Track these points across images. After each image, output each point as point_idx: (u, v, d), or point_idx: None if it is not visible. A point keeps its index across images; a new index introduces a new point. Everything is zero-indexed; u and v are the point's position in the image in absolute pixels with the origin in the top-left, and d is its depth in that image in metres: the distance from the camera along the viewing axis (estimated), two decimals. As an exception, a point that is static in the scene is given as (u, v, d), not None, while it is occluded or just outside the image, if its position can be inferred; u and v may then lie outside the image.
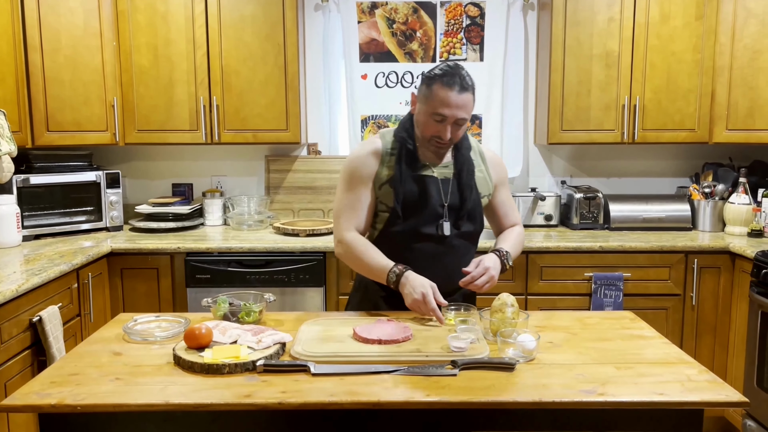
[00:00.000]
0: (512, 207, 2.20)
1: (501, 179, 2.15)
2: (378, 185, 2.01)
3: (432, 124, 1.92)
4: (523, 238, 2.18)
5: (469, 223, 2.03)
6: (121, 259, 3.16)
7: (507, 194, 2.19)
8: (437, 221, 1.99)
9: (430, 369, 1.54)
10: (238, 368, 1.54)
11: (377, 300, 2.07)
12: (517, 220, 2.20)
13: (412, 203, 1.98)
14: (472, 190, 2.01)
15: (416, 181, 1.99)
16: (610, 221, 3.51)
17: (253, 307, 1.90)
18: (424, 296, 1.83)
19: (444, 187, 2.00)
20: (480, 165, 2.08)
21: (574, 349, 1.70)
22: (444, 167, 2.03)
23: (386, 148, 2.03)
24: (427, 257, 1.94)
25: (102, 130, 3.38)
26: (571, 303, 3.20)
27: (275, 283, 3.15)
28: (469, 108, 1.92)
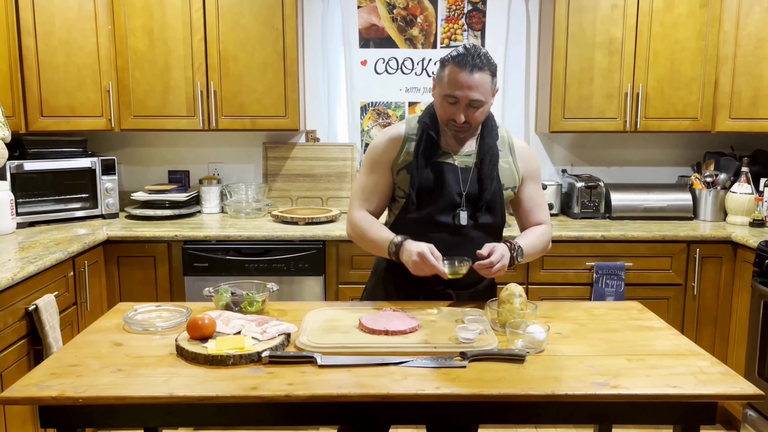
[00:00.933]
0: (540, 205, 2.07)
1: (530, 173, 2.04)
2: (396, 171, 1.98)
3: (446, 106, 1.87)
4: (548, 240, 2.05)
5: (488, 215, 1.96)
6: (117, 246, 3.12)
7: (536, 190, 2.07)
8: (454, 210, 1.94)
9: (439, 360, 1.51)
10: (243, 360, 1.51)
11: (389, 288, 2.03)
12: (543, 219, 2.07)
13: (428, 190, 1.94)
14: (493, 180, 1.93)
15: (434, 168, 1.94)
16: (612, 210, 3.48)
17: (255, 296, 1.87)
18: (422, 256, 1.78)
19: (463, 176, 1.95)
20: (507, 156, 2.00)
21: (584, 341, 1.67)
22: (466, 155, 1.97)
23: (409, 134, 1.99)
24: (442, 247, 1.89)
25: (97, 116, 3.32)
26: (572, 292, 3.18)
27: (274, 271, 3.11)
28: (485, 89, 1.83)
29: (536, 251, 1.99)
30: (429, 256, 1.78)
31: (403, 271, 1.92)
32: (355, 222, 1.99)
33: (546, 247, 2.05)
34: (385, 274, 2.06)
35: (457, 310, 1.85)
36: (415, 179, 1.93)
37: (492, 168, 1.94)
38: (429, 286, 1.98)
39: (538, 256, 2.03)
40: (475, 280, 2.00)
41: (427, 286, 1.98)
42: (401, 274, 1.95)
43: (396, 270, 1.99)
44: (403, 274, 1.94)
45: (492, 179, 1.93)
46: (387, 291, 2.04)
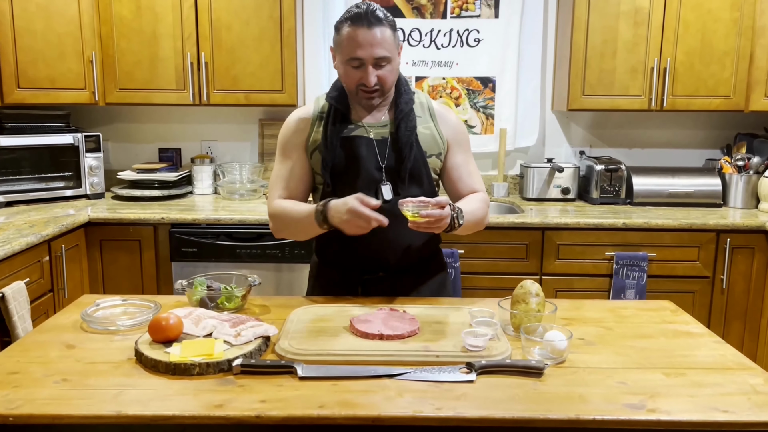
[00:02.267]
0: (471, 172, 1.85)
1: (456, 139, 1.84)
2: (309, 153, 1.79)
3: (351, 72, 1.68)
4: (486, 208, 1.81)
5: (414, 186, 1.75)
6: (99, 229, 2.90)
7: (465, 158, 1.85)
8: (375, 185, 1.73)
9: (441, 373, 1.28)
10: (210, 368, 1.28)
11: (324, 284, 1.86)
12: (477, 187, 1.85)
13: (343, 168, 1.74)
14: (412, 147, 1.73)
15: (346, 144, 1.74)
16: (633, 196, 3.22)
17: (234, 291, 1.64)
18: (352, 211, 1.56)
19: (380, 148, 1.75)
20: (427, 121, 1.80)
21: (611, 348, 1.44)
22: (381, 126, 1.77)
23: (317, 112, 1.80)
24: (371, 231, 1.64)
25: (80, 88, 3.08)
26: (590, 284, 2.94)
27: (267, 258, 2.89)
28: (388, 44, 1.65)
29: (476, 218, 1.75)
30: (359, 206, 1.56)
31: (336, 261, 1.81)
32: (274, 211, 1.79)
33: (485, 215, 1.81)
34: (318, 271, 1.90)
35: (464, 310, 1.62)
36: (327, 159, 1.74)
37: (409, 134, 1.74)
38: (367, 275, 1.80)
39: (478, 226, 1.78)
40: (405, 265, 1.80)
41: (365, 275, 1.80)
42: (334, 264, 1.82)
43: (328, 262, 1.85)
44: (337, 264, 1.82)
45: (410, 146, 1.73)
46: (323, 289, 1.85)
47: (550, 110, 3.51)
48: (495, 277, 2.94)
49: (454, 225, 1.62)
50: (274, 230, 1.82)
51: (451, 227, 1.62)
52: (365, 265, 1.79)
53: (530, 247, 2.91)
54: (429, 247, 1.86)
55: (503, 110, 3.45)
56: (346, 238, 1.73)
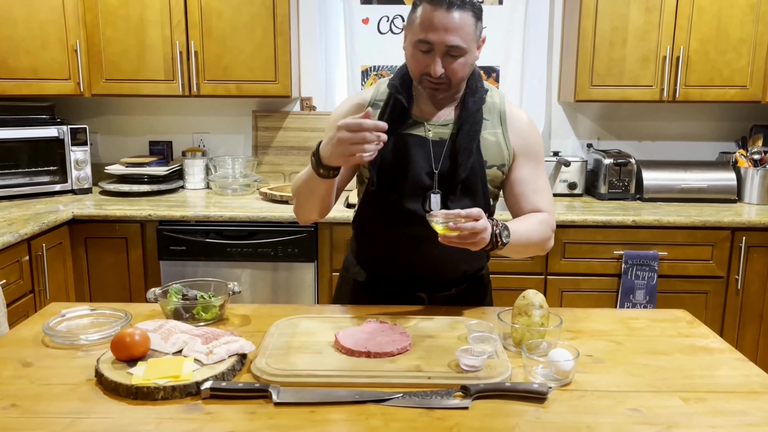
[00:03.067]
0: (538, 189, 1.62)
1: (526, 149, 1.61)
2: None
3: (418, 56, 1.48)
4: (547, 231, 1.57)
5: (467, 199, 1.56)
6: (84, 227, 2.78)
7: (533, 171, 1.62)
8: (424, 193, 1.56)
9: (434, 398, 1.15)
10: (176, 392, 1.16)
11: (354, 288, 1.71)
12: (542, 206, 1.61)
13: (392, 170, 1.56)
14: (470, 154, 1.53)
15: (400, 140, 1.56)
16: (643, 191, 3.08)
17: (212, 300, 1.51)
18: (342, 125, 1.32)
19: (436, 151, 1.56)
20: (495, 126, 1.59)
21: (622, 367, 1.30)
22: (443, 125, 1.58)
23: (376, 99, 1.61)
24: (411, 241, 1.50)
25: (64, 79, 2.95)
26: (597, 284, 2.80)
27: (260, 257, 2.76)
28: (466, 33, 1.44)
29: (530, 240, 1.51)
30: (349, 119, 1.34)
31: (375, 273, 1.66)
32: (293, 184, 1.60)
33: (544, 239, 1.56)
34: (345, 274, 1.75)
35: (461, 322, 1.49)
36: (376, 156, 1.54)
37: (471, 140, 1.54)
38: (408, 289, 1.65)
39: (534, 249, 1.56)
40: (446, 282, 1.65)
41: (407, 288, 1.65)
42: (373, 276, 1.67)
43: (365, 270, 1.69)
44: (375, 277, 1.66)
45: (469, 153, 1.53)
46: (351, 294, 1.71)
47: (556, 101, 3.36)
48: (498, 276, 2.79)
49: (496, 243, 1.41)
50: (295, 209, 1.61)
51: (493, 245, 1.41)
52: (397, 277, 1.64)
53: (535, 245, 2.77)
54: (472, 265, 1.70)
55: (507, 101, 3.30)
56: (379, 246, 1.60)
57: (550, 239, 1.59)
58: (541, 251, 1.60)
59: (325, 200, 1.52)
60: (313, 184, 1.47)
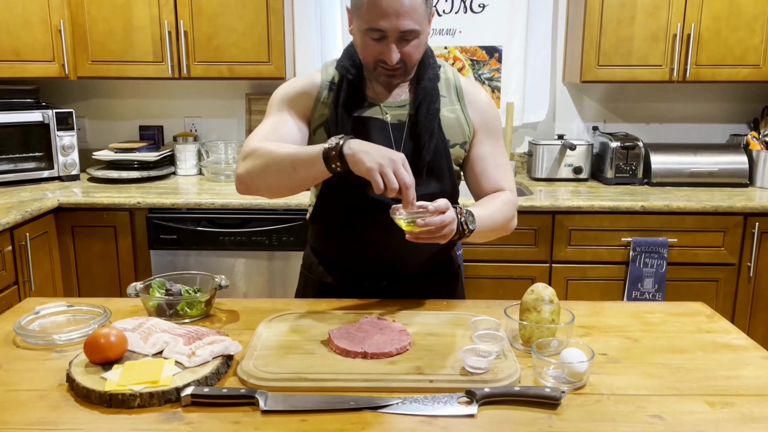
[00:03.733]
0: (499, 165, 1.53)
1: (486, 124, 1.53)
2: (313, 129, 1.51)
3: (370, 45, 1.38)
4: (511, 211, 1.49)
5: (433, 182, 1.47)
6: (71, 215, 2.67)
7: (494, 147, 1.54)
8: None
9: (436, 404, 1.05)
10: (154, 399, 1.05)
11: (320, 290, 1.60)
12: (505, 184, 1.52)
13: None
14: (432, 135, 1.45)
15: (358, 125, 1.45)
16: (651, 175, 2.97)
17: (197, 296, 1.40)
18: (395, 159, 1.21)
19: (396, 134, 1.47)
20: (452, 102, 1.51)
21: (640, 367, 1.20)
22: (399, 107, 1.49)
23: (325, 82, 1.50)
24: (376, 232, 1.39)
25: (48, 61, 2.83)
26: (604, 272, 2.70)
27: (253, 245, 2.66)
28: (419, 13, 1.34)
29: (495, 222, 1.43)
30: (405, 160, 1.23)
31: (333, 262, 1.57)
32: (254, 149, 1.38)
33: (509, 219, 1.48)
34: (310, 273, 1.65)
35: (464, 317, 1.38)
36: None
37: (431, 119, 1.46)
38: (368, 283, 1.55)
39: (499, 232, 1.47)
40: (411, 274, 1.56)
41: (365, 282, 1.55)
42: (331, 267, 1.58)
43: (324, 262, 1.60)
44: (334, 266, 1.58)
45: (431, 133, 1.45)
46: (315, 293, 1.61)
47: (561, 82, 3.24)
48: (500, 265, 2.70)
49: (463, 232, 1.32)
50: (245, 173, 1.38)
51: (460, 235, 1.32)
52: (367, 270, 1.54)
53: (539, 232, 2.67)
54: (443, 252, 1.61)
55: (510, 82, 3.18)
56: (346, 238, 1.50)
57: (514, 218, 1.52)
58: (505, 232, 1.51)
59: (306, 186, 1.39)
60: (309, 171, 1.30)
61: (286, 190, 1.39)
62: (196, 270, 2.68)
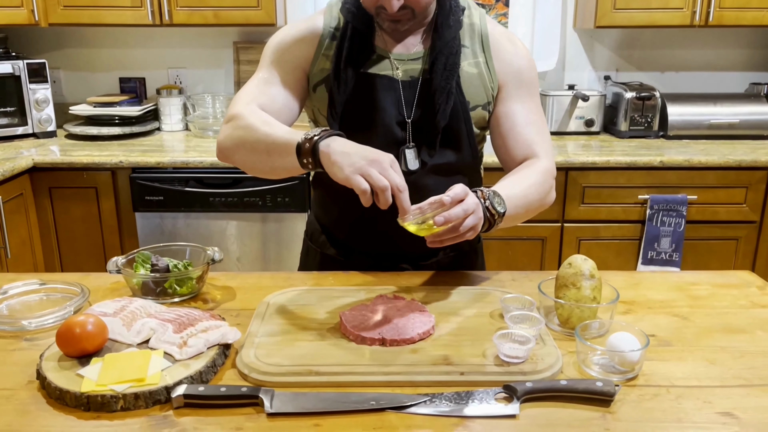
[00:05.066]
0: (531, 123, 1.29)
1: (516, 77, 1.30)
2: (312, 84, 1.31)
3: None
4: (546, 182, 1.26)
5: (449, 151, 1.29)
6: (48, 175, 2.48)
7: (526, 103, 1.30)
8: (397, 149, 1.26)
9: (470, 403, 0.90)
10: (140, 401, 0.90)
11: (322, 262, 1.43)
12: (538, 148, 1.29)
13: (357, 121, 1.26)
14: (449, 96, 1.24)
15: (363, 82, 1.25)
16: (668, 128, 2.80)
17: (189, 272, 1.24)
18: (381, 161, 1.01)
19: (407, 94, 1.26)
20: (476, 54, 1.29)
21: (697, 352, 1.05)
22: (412, 60, 1.27)
23: (328, 28, 1.29)
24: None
25: (16, 6, 2.59)
26: (618, 232, 2.56)
27: (246, 207, 2.48)
28: None
29: (529, 201, 1.21)
30: (395, 163, 1.04)
31: (342, 242, 1.38)
32: (237, 116, 1.20)
33: (544, 195, 1.26)
34: (311, 244, 1.47)
35: (492, 293, 1.23)
36: (336, 103, 1.25)
37: (448, 77, 1.24)
38: (387, 261, 1.36)
39: (532, 212, 1.25)
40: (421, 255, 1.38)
41: (384, 261, 1.36)
42: (338, 246, 1.40)
43: (330, 240, 1.42)
44: (342, 246, 1.39)
45: (448, 94, 1.24)
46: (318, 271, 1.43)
47: (571, 29, 3.03)
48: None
49: (492, 218, 1.11)
50: (222, 143, 1.22)
51: (489, 223, 1.12)
52: (375, 248, 1.37)
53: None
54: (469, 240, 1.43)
55: (518, 28, 2.96)
56: (351, 209, 1.29)
57: (551, 192, 1.29)
58: (541, 209, 1.29)
59: (288, 174, 1.19)
60: (283, 160, 1.12)
61: (267, 173, 1.21)
62: (185, 234, 2.53)
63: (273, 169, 1.18)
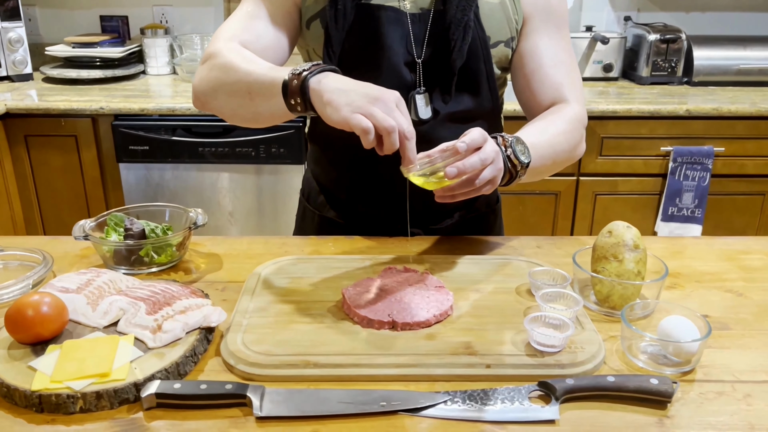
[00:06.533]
0: (561, 63, 1.13)
1: (544, 9, 1.12)
2: (306, 19, 1.13)
3: None
4: (576, 130, 1.09)
5: (466, 96, 1.12)
6: (23, 122, 2.29)
7: (553, 38, 1.13)
8: (406, 94, 1.07)
9: (499, 403, 0.75)
10: (103, 401, 0.75)
11: (320, 225, 1.27)
12: (567, 91, 1.12)
13: (359, 61, 1.08)
14: (466, 30, 1.06)
15: (365, 15, 1.07)
16: (693, 73, 2.59)
17: (168, 238, 1.07)
18: (386, 99, 0.84)
19: (418, 31, 1.08)
20: None
21: (759, 336, 0.91)
22: None
23: None
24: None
25: (-20, -66, 2.34)
26: (637, 186, 2.39)
27: (239, 158, 2.30)
28: None
29: (556, 151, 1.05)
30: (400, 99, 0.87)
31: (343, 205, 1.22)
32: (214, 52, 1.03)
33: (574, 146, 1.09)
34: (308, 205, 1.30)
35: (514, 262, 1.07)
36: (333, 41, 1.07)
37: (465, 7, 1.06)
38: (393, 224, 1.18)
39: (560, 164, 1.09)
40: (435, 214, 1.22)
41: (391, 225, 1.18)
42: (338, 208, 1.23)
43: (330, 201, 1.25)
44: (343, 209, 1.22)
45: (465, 29, 1.06)
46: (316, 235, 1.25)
47: (591, -37, 2.78)
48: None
49: (514, 169, 0.95)
50: (198, 86, 1.05)
51: (510, 175, 0.95)
52: (379, 211, 1.20)
53: (567, 141, 2.33)
54: (487, 200, 1.27)
55: (533, -37, 2.72)
56: (351, 165, 1.16)
57: (581, 143, 1.12)
58: (570, 162, 1.12)
59: (275, 121, 1.02)
60: (267, 104, 0.95)
61: (250, 121, 1.03)
62: (173, 186, 2.36)
63: (257, 115, 1.00)
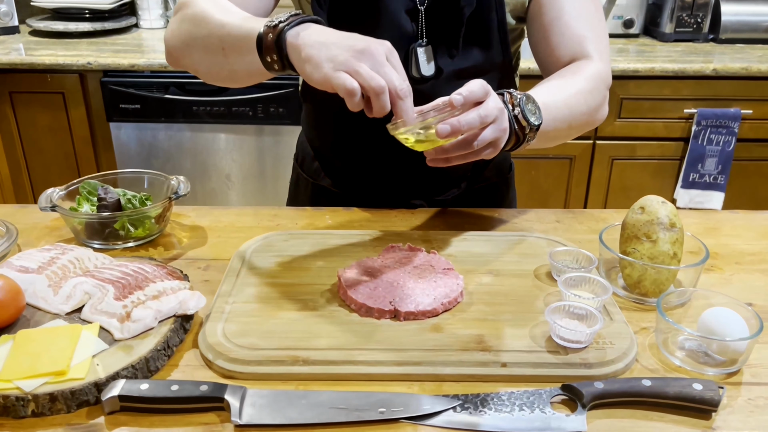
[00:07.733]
0: (581, 15, 0.97)
1: None
2: None
3: None
4: (597, 89, 0.95)
5: (476, 49, 0.99)
6: (7, 78, 2.16)
7: None
8: (407, 48, 0.95)
9: (517, 410, 0.65)
10: (59, 404, 0.65)
11: (314, 193, 1.16)
12: (589, 46, 0.97)
13: (354, 10, 0.95)
14: None
15: None
16: (720, 30, 2.43)
17: (146, 209, 0.96)
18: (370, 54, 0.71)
19: None
20: None
21: (809, 330, 0.79)
22: None
23: None
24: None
25: None
26: (657, 151, 2.26)
27: (234, 118, 2.17)
28: None
29: (573, 113, 0.91)
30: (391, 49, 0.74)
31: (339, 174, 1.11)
32: (188, 2, 0.90)
33: (595, 108, 0.95)
34: (301, 172, 1.19)
35: (530, 239, 0.96)
36: None
37: None
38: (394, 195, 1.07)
39: (577, 129, 0.95)
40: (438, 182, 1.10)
41: (391, 195, 1.07)
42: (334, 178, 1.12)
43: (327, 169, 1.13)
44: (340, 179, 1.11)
45: None
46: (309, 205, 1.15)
47: None
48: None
49: (522, 131, 0.81)
50: (169, 41, 0.92)
51: (517, 137, 0.82)
52: (378, 180, 1.09)
53: (584, 102, 2.19)
54: (498, 168, 1.14)
55: None
56: (348, 128, 1.04)
57: (603, 105, 0.97)
58: (590, 126, 0.98)
59: (253, 80, 0.89)
60: (242, 60, 0.83)
61: (226, 80, 0.90)
62: (167, 147, 2.23)
63: (232, 74, 0.88)
